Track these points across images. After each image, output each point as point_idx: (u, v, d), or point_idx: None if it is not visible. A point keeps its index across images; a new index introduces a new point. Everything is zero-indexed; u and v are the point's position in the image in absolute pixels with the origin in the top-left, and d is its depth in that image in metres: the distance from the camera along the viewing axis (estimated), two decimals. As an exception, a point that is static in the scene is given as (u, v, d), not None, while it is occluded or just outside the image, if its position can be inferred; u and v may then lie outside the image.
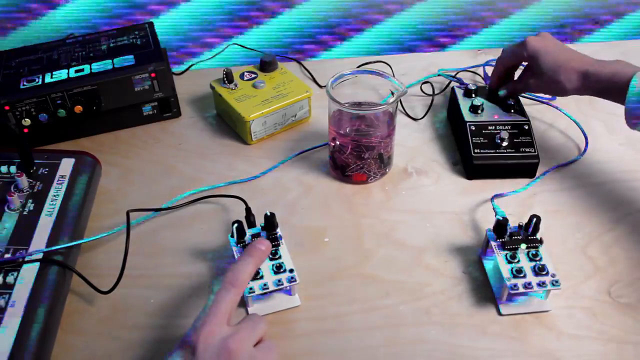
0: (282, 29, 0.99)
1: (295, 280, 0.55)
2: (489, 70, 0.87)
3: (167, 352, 0.45)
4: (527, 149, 0.70)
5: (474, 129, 0.72)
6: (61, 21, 0.94)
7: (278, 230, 0.59)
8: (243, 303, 0.57)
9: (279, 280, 0.55)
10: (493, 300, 0.57)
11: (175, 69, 0.90)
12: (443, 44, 1.02)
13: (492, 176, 0.71)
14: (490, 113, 0.73)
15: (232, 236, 0.58)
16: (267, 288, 0.55)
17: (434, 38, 1.02)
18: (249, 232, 0.59)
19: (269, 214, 0.59)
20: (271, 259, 0.57)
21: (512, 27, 1.02)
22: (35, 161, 0.65)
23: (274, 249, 0.58)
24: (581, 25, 1.03)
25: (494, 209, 0.63)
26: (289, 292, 0.57)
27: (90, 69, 0.74)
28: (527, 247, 0.57)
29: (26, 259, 0.55)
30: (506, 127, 0.72)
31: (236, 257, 0.57)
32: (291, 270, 0.56)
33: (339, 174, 0.71)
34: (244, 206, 0.63)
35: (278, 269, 0.56)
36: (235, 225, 0.57)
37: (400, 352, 0.53)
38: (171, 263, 0.61)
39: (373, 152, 0.68)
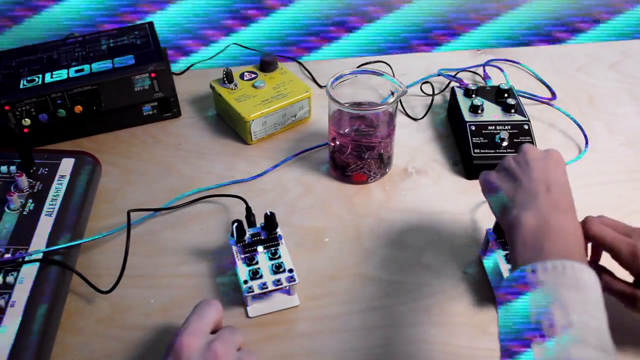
0: (281, 26, 0.98)
1: (294, 280, 0.55)
2: (489, 70, 0.87)
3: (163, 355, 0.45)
4: (530, 144, 0.70)
5: (474, 129, 0.72)
6: (62, 18, 0.94)
7: (278, 230, 0.59)
8: (243, 303, 0.57)
9: (278, 280, 0.55)
10: (493, 300, 0.57)
11: (175, 69, 0.89)
12: (440, 42, 1.02)
13: (492, 176, 0.71)
14: (490, 113, 0.73)
15: (232, 236, 0.58)
16: (266, 287, 0.55)
17: (433, 36, 1.02)
18: (249, 232, 0.59)
19: (269, 213, 0.59)
20: (271, 259, 0.57)
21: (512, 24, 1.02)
22: (35, 161, 0.65)
23: (273, 248, 0.58)
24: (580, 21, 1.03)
25: (494, 209, 0.63)
26: (288, 292, 0.57)
27: (90, 69, 0.74)
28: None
29: (26, 259, 0.55)
30: (506, 127, 0.72)
31: (236, 257, 0.57)
32: (290, 270, 0.56)
33: (339, 174, 0.71)
34: (244, 206, 0.63)
35: (277, 269, 0.56)
36: (235, 224, 0.57)
37: (400, 352, 0.53)
38: (171, 263, 0.61)
39: (373, 152, 0.68)
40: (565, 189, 0.49)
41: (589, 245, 0.53)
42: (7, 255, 0.55)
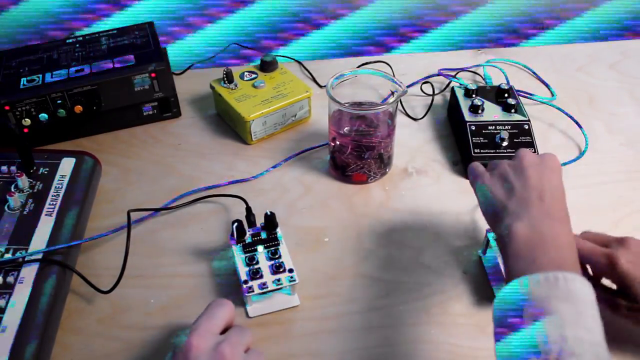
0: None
1: (294, 280, 0.55)
2: (489, 70, 0.87)
3: (163, 355, 0.45)
4: (527, 149, 0.70)
5: (474, 129, 0.72)
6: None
7: (278, 230, 0.59)
8: (243, 303, 0.57)
9: (279, 280, 0.55)
10: (493, 300, 0.57)
11: (175, 69, 0.89)
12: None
13: (492, 176, 0.71)
14: (490, 113, 0.73)
15: (232, 236, 0.58)
16: (267, 287, 0.55)
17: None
18: (249, 232, 0.59)
19: (269, 213, 0.59)
20: (271, 259, 0.57)
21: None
22: (35, 161, 0.65)
23: (273, 248, 0.58)
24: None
25: (494, 209, 0.63)
26: (288, 291, 0.57)
27: (90, 69, 0.74)
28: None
29: (26, 259, 0.55)
30: (506, 127, 0.72)
31: (236, 256, 0.57)
32: (291, 270, 0.56)
33: (339, 174, 0.71)
34: (244, 206, 0.63)
35: (277, 269, 0.56)
36: (236, 224, 0.57)
37: (400, 352, 0.53)
38: (171, 263, 0.61)
39: (373, 152, 0.68)
40: (559, 197, 0.48)
41: None
42: (7, 255, 0.55)
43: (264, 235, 0.59)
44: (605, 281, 0.51)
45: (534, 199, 0.47)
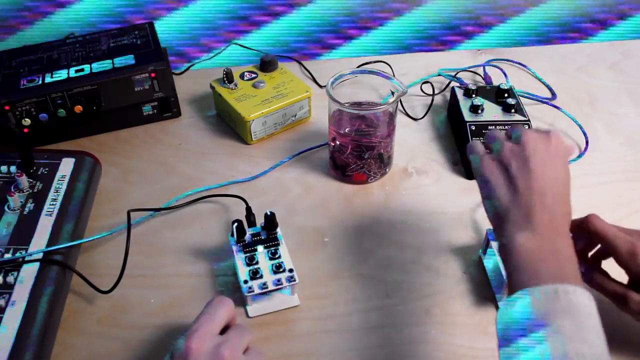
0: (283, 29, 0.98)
1: (294, 280, 0.55)
2: (489, 70, 0.87)
3: (164, 356, 0.45)
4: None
5: (474, 129, 0.72)
6: (62, 21, 0.94)
7: (278, 229, 0.59)
8: (243, 303, 0.57)
9: (279, 280, 0.55)
10: (493, 300, 0.57)
11: (176, 69, 0.89)
12: (444, 42, 1.02)
13: (492, 176, 0.71)
14: (490, 113, 0.73)
15: (232, 235, 0.58)
16: (267, 287, 0.55)
17: (437, 37, 1.01)
18: (249, 232, 0.59)
19: (269, 213, 0.59)
20: (271, 259, 0.57)
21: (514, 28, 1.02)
22: (35, 161, 0.65)
23: (273, 248, 0.58)
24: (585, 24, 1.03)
25: (494, 209, 0.63)
26: (288, 291, 0.57)
27: (90, 69, 0.74)
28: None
29: (26, 259, 0.55)
30: (506, 127, 0.72)
31: (236, 256, 0.57)
32: (291, 270, 0.56)
33: (339, 174, 0.71)
34: (244, 206, 0.63)
35: (277, 269, 0.56)
36: (236, 224, 0.57)
37: (400, 352, 0.53)
38: (171, 263, 0.61)
39: (373, 152, 0.68)
40: (562, 200, 0.47)
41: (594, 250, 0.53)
42: (7, 255, 0.55)
43: (263, 235, 0.59)
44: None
45: (537, 206, 0.46)
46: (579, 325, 0.39)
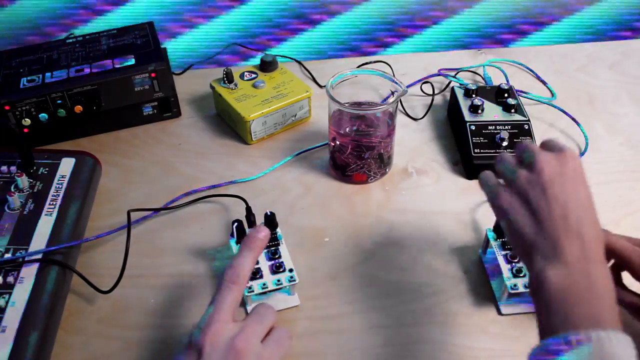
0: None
1: (294, 280, 0.55)
2: (489, 70, 0.87)
3: (172, 354, 0.45)
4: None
5: (474, 128, 0.72)
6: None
7: (278, 230, 0.59)
8: (242, 302, 0.57)
9: (279, 280, 0.55)
10: (493, 300, 0.57)
11: (175, 69, 0.89)
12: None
13: (492, 176, 0.71)
14: (490, 113, 0.73)
15: (232, 236, 0.58)
16: (266, 287, 0.55)
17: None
18: (249, 232, 0.59)
19: (269, 213, 0.59)
20: (271, 259, 0.57)
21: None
22: (35, 161, 0.65)
23: (273, 248, 0.58)
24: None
25: (494, 209, 0.63)
26: (288, 291, 0.57)
27: (90, 69, 0.74)
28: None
29: (26, 259, 0.55)
30: (506, 127, 0.72)
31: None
32: (291, 270, 0.56)
33: (339, 174, 0.71)
34: (244, 206, 0.63)
35: (277, 269, 0.56)
36: (236, 224, 0.58)
37: (400, 352, 0.53)
38: (171, 263, 0.61)
39: (373, 152, 0.68)
40: (590, 223, 0.43)
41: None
42: (7, 255, 0.55)
43: (264, 235, 0.59)
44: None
45: (564, 233, 0.42)
46: None
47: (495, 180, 0.49)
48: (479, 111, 0.73)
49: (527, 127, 0.72)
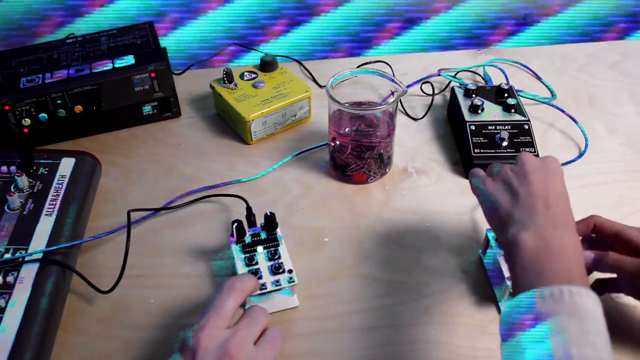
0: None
1: (294, 281, 0.55)
2: (489, 70, 0.87)
3: (167, 355, 0.45)
4: (527, 149, 0.70)
5: (474, 128, 0.72)
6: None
7: (278, 230, 0.59)
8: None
9: (278, 281, 0.55)
10: (493, 300, 0.57)
11: (175, 69, 0.90)
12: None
13: (492, 176, 0.71)
14: (490, 113, 0.73)
15: (232, 236, 0.58)
16: (266, 288, 0.55)
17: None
18: (249, 232, 0.59)
19: (269, 213, 0.59)
20: (270, 259, 0.57)
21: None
22: (35, 161, 0.65)
23: (272, 249, 0.58)
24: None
25: (494, 209, 0.63)
26: (287, 292, 0.57)
27: (90, 68, 0.74)
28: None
29: (26, 259, 0.55)
30: (506, 127, 0.72)
31: (236, 257, 0.57)
32: (290, 271, 0.56)
33: (339, 174, 0.71)
34: (244, 206, 0.63)
35: (277, 270, 0.56)
36: (235, 224, 0.57)
37: (400, 352, 0.53)
38: (171, 263, 0.61)
39: (373, 152, 0.68)
40: (564, 202, 0.48)
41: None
42: (7, 255, 0.55)
43: (263, 235, 0.59)
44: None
45: (540, 206, 0.47)
46: (583, 328, 0.39)
47: (483, 173, 0.55)
48: (479, 111, 0.73)
49: (527, 127, 0.72)
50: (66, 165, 0.66)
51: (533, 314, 0.40)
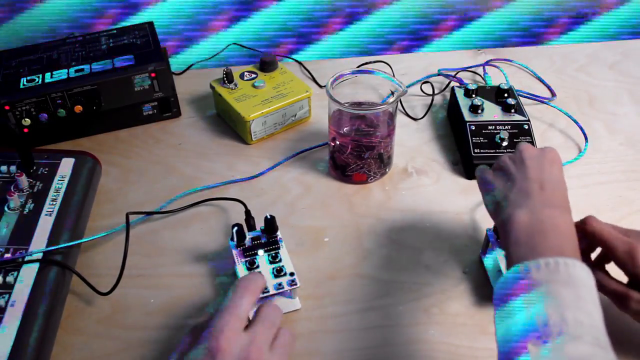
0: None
1: (295, 284, 0.55)
2: (489, 70, 0.87)
3: (167, 355, 0.44)
4: (527, 143, 0.70)
5: (474, 128, 0.72)
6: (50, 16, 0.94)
7: (278, 233, 0.59)
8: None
9: (279, 284, 0.55)
10: (493, 299, 0.57)
11: (175, 68, 0.90)
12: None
13: (492, 176, 0.71)
14: (490, 113, 0.73)
15: (232, 240, 0.58)
16: (267, 292, 0.54)
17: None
18: (249, 236, 0.59)
19: (269, 217, 0.58)
20: (271, 262, 0.57)
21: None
22: (35, 161, 0.65)
23: (273, 252, 0.58)
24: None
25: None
26: (289, 295, 0.57)
27: (90, 68, 0.74)
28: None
29: (26, 259, 0.55)
30: (506, 127, 0.72)
31: (236, 260, 0.57)
32: (292, 274, 0.56)
33: (339, 174, 0.71)
34: (244, 208, 0.63)
35: (278, 273, 0.56)
36: (235, 228, 0.57)
37: (400, 352, 0.53)
38: (171, 263, 0.61)
39: (373, 152, 0.68)
40: (559, 186, 0.49)
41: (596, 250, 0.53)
42: (7, 255, 0.55)
43: (264, 239, 0.59)
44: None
45: (535, 188, 0.48)
46: (577, 296, 0.40)
47: (487, 167, 0.56)
48: (479, 111, 0.73)
49: (527, 127, 0.72)
50: (66, 165, 0.66)
51: (528, 281, 0.41)
